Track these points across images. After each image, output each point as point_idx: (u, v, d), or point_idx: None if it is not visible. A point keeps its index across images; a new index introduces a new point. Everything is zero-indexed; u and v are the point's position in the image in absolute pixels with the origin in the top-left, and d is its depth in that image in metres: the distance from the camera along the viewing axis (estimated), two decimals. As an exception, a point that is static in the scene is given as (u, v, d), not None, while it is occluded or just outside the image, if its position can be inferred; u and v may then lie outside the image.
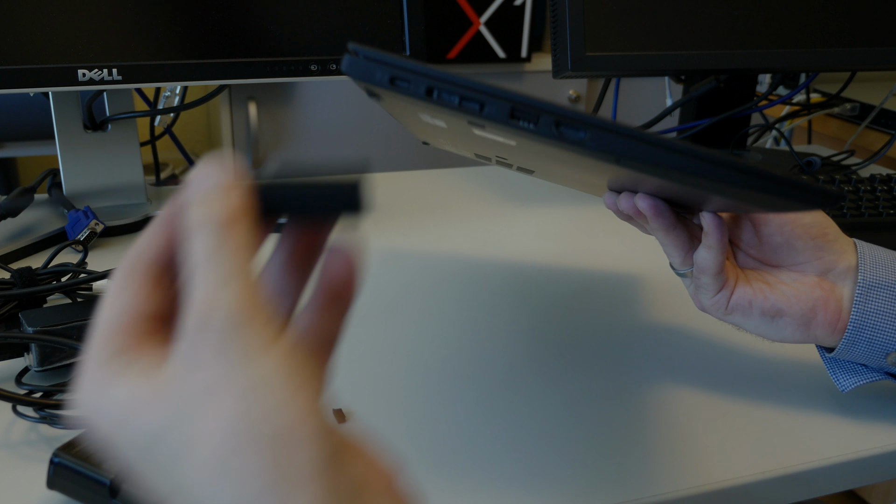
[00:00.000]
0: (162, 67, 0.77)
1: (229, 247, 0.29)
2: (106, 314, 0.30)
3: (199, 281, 0.29)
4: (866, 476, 0.53)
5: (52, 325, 0.55)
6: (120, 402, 0.28)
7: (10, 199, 0.78)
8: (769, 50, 0.88)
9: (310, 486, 0.27)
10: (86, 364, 0.30)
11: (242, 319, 0.28)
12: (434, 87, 0.36)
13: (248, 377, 0.27)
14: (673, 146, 0.37)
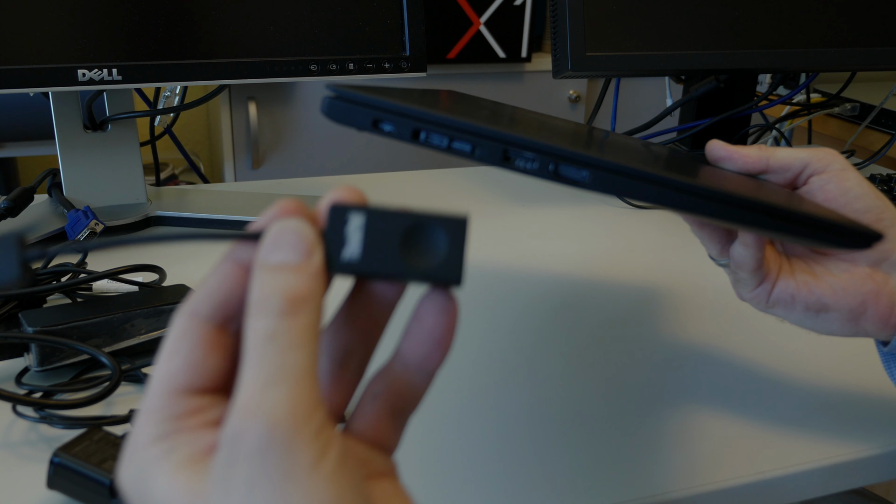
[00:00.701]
0: (162, 67, 0.77)
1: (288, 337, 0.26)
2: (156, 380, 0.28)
3: (247, 372, 0.25)
4: (866, 476, 0.53)
5: (52, 325, 0.55)
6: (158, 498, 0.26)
7: (10, 199, 0.78)
8: (769, 50, 0.88)
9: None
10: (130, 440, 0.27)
11: (285, 434, 0.24)
12: (420, 129, 0.34)
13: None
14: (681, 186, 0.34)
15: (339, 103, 0.34)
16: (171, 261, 0.75)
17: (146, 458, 0.26)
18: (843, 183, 0.47)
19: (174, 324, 0.28)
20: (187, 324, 0.28)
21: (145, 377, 0.55)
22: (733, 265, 0.49)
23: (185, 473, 0.26)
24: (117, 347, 0.57)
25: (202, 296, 0.28)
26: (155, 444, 0.26)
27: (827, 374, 0.60)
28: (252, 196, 0.92)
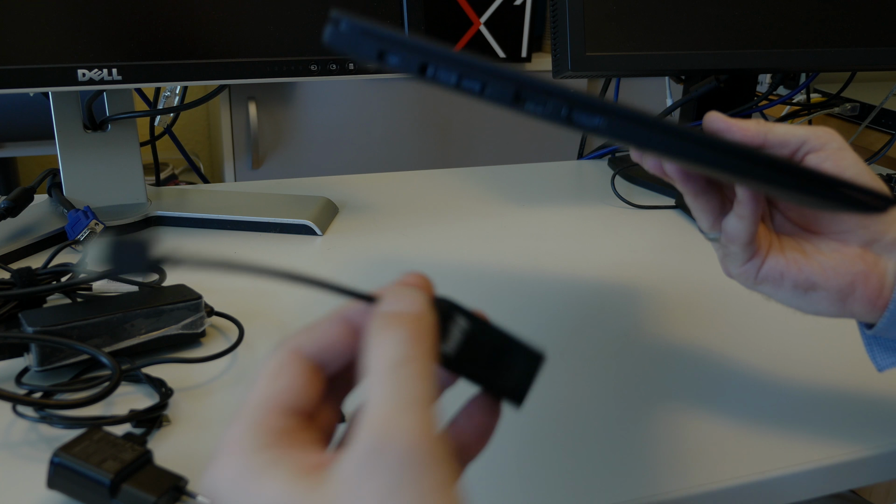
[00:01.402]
0: (162, 67, 0.77)
1: (418, 364, 0.28)
2: (259, 395, 0.29)
3: (378, 394, 0.27)
4: (866, 476, 0.53)
5: (52, 325, 0.55)
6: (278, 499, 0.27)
7: (10, 199, 0.78)
8: (769, 50, 0.88)
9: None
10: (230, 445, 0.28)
11: (422, 455, 0.26)
12: (429, 63, 0.32)
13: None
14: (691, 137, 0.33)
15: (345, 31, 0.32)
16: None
17: (253, 463, 0.28)
18: (840, 161, 0.46)
19: (277, 353, 0.30)
20: (291, 356, 0.30)
21: (145, 377, 0.55)
22: (725, 239, 0.48)
23: (304, 480, 0.27)
24: (117, 347, 0.57)
25: (307, 338, 0.31)
26: (261, 452, 0.28)
27: (824, 374, 0.60)
28: (252, 196, 0.92)
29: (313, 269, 0.77)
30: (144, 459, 0.44)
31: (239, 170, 1.89)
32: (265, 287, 0.72)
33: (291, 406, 0.30)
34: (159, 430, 0.51)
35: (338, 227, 0.87)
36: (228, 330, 0.63)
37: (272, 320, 0.66)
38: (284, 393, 0.30)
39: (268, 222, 0.84)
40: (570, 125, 0.33)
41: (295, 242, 0.82)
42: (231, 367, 0.59)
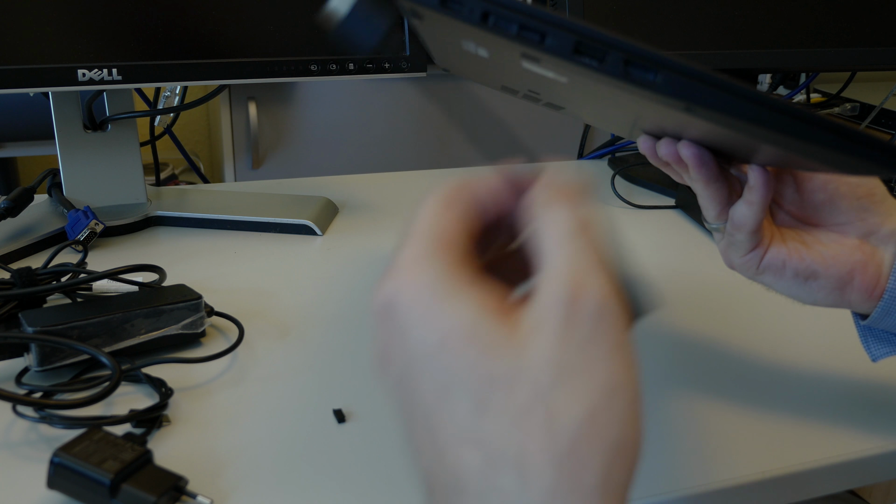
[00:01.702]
0: (162, 67, 0.77)
1: (591, 235, 0.30)
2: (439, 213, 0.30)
3: (564, 255, 0.29)
4: (866, 476, 0.53)
5: (52, 325, 0.55)
6: (460, 321, 0.28)
7: (10, 199, 0.78)
8: (769, 50, 0.88)
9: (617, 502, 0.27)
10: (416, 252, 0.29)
11: (613, 310, 0.28)
12: (491, 11, 0.32)
13: (613, 375, 0.27)
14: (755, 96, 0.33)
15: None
16: (171, 261, 0.75)
17: (442, 285, 0.28)
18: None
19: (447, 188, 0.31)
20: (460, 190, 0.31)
21: (145, 377, 0.55)
22: (732, 227, 0.49)
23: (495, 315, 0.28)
24: (117, 347, 0.57)
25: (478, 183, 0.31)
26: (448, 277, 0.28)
27: (823, 374, 0.60)
28: (252, 196, 0.92)
29: (313, 269, 0.77)
30: (144, 459, 0.44)
31: (239, 170, 1.88)
32: (265, 287, 0.72)
33: (463, 239, 0.30)
34: (159, 430, 0.51)
35: (338, 227, 0.87)
36: (228, 330, 0.63)
37: (272, 320, 0.66)
38: (463, 221, 0.30)
39: (268, 222, 0.84)
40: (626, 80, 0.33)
41: (295, 242, 0.82)
42: (231, 367, 0.59)
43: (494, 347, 0.27)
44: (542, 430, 0.27)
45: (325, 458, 0.50)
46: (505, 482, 0.27)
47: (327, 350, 0.62)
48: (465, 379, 0.27)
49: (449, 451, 0.28)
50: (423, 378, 0.28)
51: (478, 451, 0.27)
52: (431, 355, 0.28)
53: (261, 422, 0.53)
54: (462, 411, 0.27)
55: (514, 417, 0.27)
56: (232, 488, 0.46)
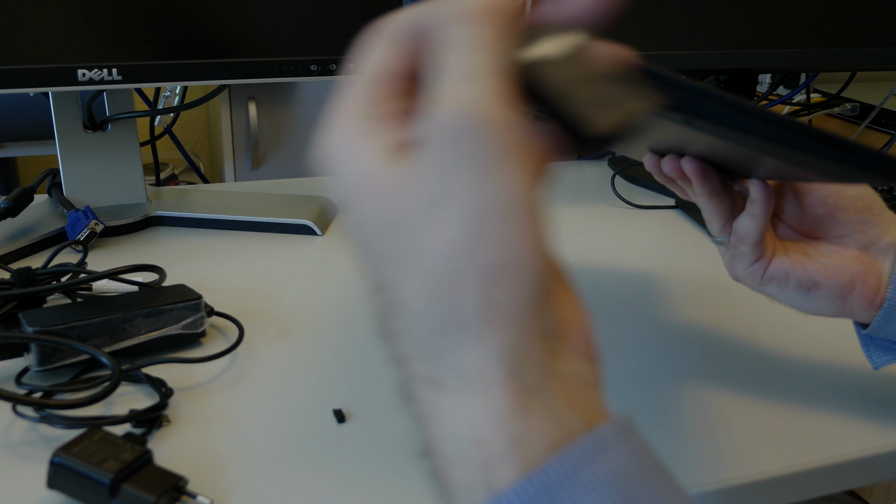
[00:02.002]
0: (162, 67, 0.77)
1: (487, 36, 0.27)
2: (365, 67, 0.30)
3: (446, 70, 0.27)
4: (866, 476, 0.53)
5: (52, 325, 0.55)
6: (357, 177, 0.28)
7: (10, 199, 0.78)
8: (769, 50, 0.88)
9: (509, 326, 0.27)
10: (339, 112, 0.29)
11: (484, 122, 0.26)
12: None
13: (478, 198, 0.26)
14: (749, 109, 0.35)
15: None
16: (171, 261, 0.75)
17: (350, 134, 0.29)
18: None
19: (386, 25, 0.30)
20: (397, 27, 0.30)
21: (145, 377, 0.55)
22: (736, 239, 0.51)
23: (386, 158, 0.28)
24: (117, 347, 0.57)
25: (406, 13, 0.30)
26: (360, 123, 0.29)
27: (823, 374, 0.60)
28: (252, 196, 0.92)
29: (313, 269, 0.77)
30: (144, 459, 0.44)
31: (239, 170, 1.88)
32: (265, 287, 0.72)
33: (390, 74, 0.30)
34: (159, 430, 0.51)
35: (338, 227, 0.87)
36: (228, 330, 0.63)
37: (272, 320, 0.66)
38: (382, 63, 0.30)
39: (268, 222, 0.84)
40: None
41: (295, 242, 0.82)
42: (231, 367, 0.59)
43: (380, 199, 0.28)
44: (418, 269, 0.27)
45: (325, 458, 0.50)
46: (401, 324, 0.28)
47: (327, 350, 0.62)
48: (364, 232, 0.29)
49: (373, 293, 0.30)
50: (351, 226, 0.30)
51: (382, 294, 0.29)
52: (347, 209, 0.29)
53: (261, 422, 0.53)
54: (368, 261, 0.29)
55: (396, 261, 0.28)
56: (232, 488, 0.46)
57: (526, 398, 0.27)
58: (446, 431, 0.28)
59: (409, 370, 0.29)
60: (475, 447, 0.27)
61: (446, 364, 0.28)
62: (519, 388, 0.27)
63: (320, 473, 0.48)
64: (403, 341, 0.29)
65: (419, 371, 0.28)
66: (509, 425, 0.27)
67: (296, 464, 0.49)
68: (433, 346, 0.28)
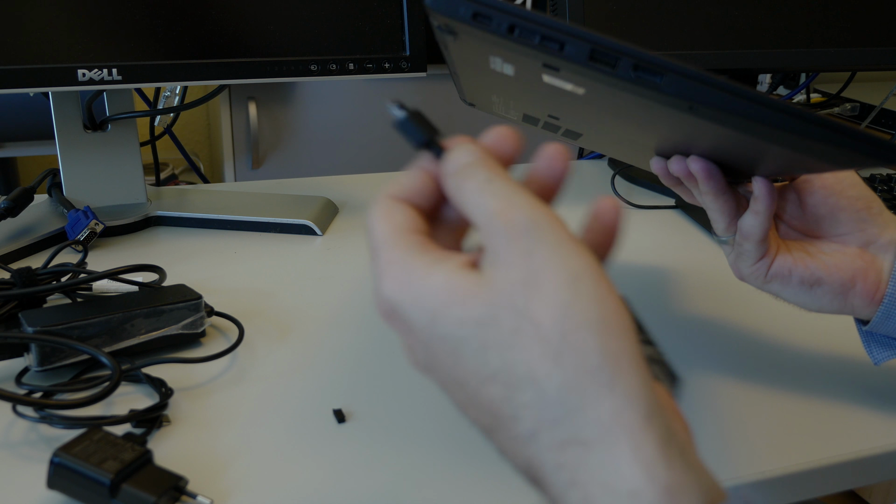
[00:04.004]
0: (162, 67, 0.77)
1: (502, 176, 0.32)
2: (386, 225, 0.33)
3: (486, 201, 0.32)
4: (866, 476, 0.53)
5: (52, 325, 0.55)
6: (440, 290, 0.31)
7: (10, 199, 0.78)
8: (769, 50, 0.88)
9: (633, 371, 0.29)
10: (389, 257, 0.32)
11: (545, 217, 0.31)
12: (516, 24, 0.36)
13: (567, 268, 0.30)
14: (749, 94, 0.37)
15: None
16: (171, 261, 0.75)
17: (418, 265, 0.32)
18: (839, 172, 0.51)
19: (376, 204, 0.34)
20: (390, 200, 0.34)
21: (145, 377, 0.55)
22: (740, 237, 0.52)
23: (464, 271, 0.31)
24: (117, 347, 0.57)
25: (398, 187, 0.35)
26: (420, 255, 0.32)
27: (824, 374, 0.60)
28: (252, 196, 0.92)
29: (313, 269, 0.77)
30: (144, 459, 0.44)
31: (239, 170, 1.88)
32: (265, 287, 0.72)
33: (417, 229, 0.33)
34: (159, 430, 0.51)
35: (338, 227, 0.87)
36: (228, 330, 0.63)
37: (272, 320, 0.66)
38: (407, 221, 0.33)
39: (268, 222, 0.85)
40: (635, 83, 0.37)
41: (295, 242, 0.82)
42: (231, 367, 0.59)
43: (472, 297, 0.31)
44: (534, 340, 0.29)
45: (325, 458, 0.50)
46: (526, 397, 0.30)
47: (327, 350, 0.62)
48: (463, 333, 0.31)
49: (478, 395, 0.31)
50: (437, 352, 0.32)
51: (495, 384, 0.30)
52: (431, 330, 0.31)
53: (261, 422, 0.53)
54: (472, 360, 0.31)
55: (509, 342, 0.30)
56: (232, 488, 0.46)
57: (665, 446, 0.29)
58: (600, 489, 0.29)
59: (541, 442, 0.30)
60: (631, 499, 0.28)
61: (586, 418, 0.29)
62: (657, 436, 0.29)
63: (320, 473, 0.48)
64: (533, 413, 0.30)
65: (557, 436, 0.29)
66: (660, 474, 0.28)
67: (296, 464, 0.49)
68: (570, 405, 0.29)
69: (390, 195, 0.35)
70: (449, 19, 0.37)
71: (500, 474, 0.49)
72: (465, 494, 0.47)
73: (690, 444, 0.31)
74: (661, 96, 0.37)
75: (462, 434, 0.52)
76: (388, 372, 0.59)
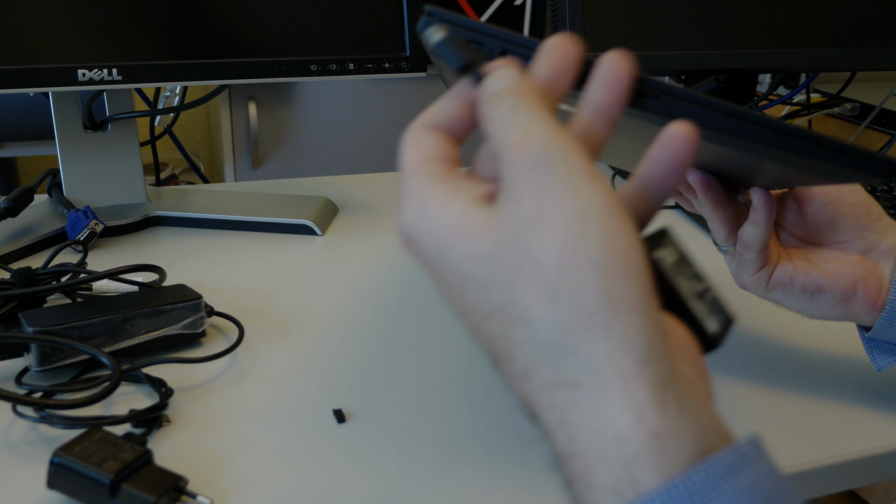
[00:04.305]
0: (162, 67, 0.77)
1: (529, 104, 0.31)
2: (414, 151, 0.33)
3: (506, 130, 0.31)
4: (866, 476, 0.53)
5: (52, 325, 0.55)
6: (451, 224, 0.31)
7: (10, 199, 0.78)
8: (769, 50, 0.88)
9: (634, 314, 0.28)
10: (410, 185, 0.32)
11: (561, 149, 0.30)
12: (509, 49, 0.36)
13: (575, 204, 0.29)
14: (741, 114, 0.37)
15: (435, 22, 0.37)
16: (171, 261, 0.75)
17: (436, 195, 0.32)
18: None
19: (408, 131, 0.34)
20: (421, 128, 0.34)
21: (145, 377, 0.55)
22: (741, 247, 0.52)
23: (477, 205, 0.31)
24: (117, 347, 0.57)
25: (431, 113, 0.35)
26: (439, 183, 0.32)
27: (824, 374, 0.60)
28: (252, 196, 0.92)
29: (313, 269, 0.77)
30: (144, 459, 0.44)
31: (239, 170, 1.89)
32: (265, 287, 0.72)
33: (447, 153, 0.33)
34: (159, 430, 0.51)
35: (338, 227, 0.87)
36: (228, 330, 0.63)
37: (272, 320, 0.66)
38: (433, 150, 0.33)
39: (268, 222, 0.85)
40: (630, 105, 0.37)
41: (295, 242, 0.82)
42: (231, 367, 0.59)
43: (479, 233, 0.30)
44: (533, 278, 0.29)
45: (325, 458, 0.50)
46: (520, 336, 0.30)
47: (327, 350, 0.62)
48: (468, 269, 0.31)
49: (481, 330, 0.32)
50: (447, 284, 0.32)
51: (494, 321, 0.31)
52: (442, 261, 0.32)
53: (261, 422, 0.53)
54: (475, 296, 0.31)
55: (509, 280, 0.30)
56: (232, 488, 0.46)
57: (660, 391, 0.28)
58: (586, 431, 0.28)
59: (534, 381, 0.30)
60: (617, 444, 0.28)
61: (578, 361, 0.28)
62: (652, 381, 0.28)
63: (320, 473, 0.48)
64: (527, 352, 0.30)
65: (548, 377, 0.29)
66: (649, 419, 0.28)
67: (296, 464, 0.49)
68: (562, 346, 0.29)
69: (422, 122, 0.34)
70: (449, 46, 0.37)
71: (499, 474, 0.49)
72: (464, 494, 0.47)
73: (701, 390, 0.30)
74: (653, 116, 0.37)
75: (462, 434, 0.52)
76: (388, 372, 0.59)
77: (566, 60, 0.34)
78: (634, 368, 0.28)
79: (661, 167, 0.33)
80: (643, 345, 0.28)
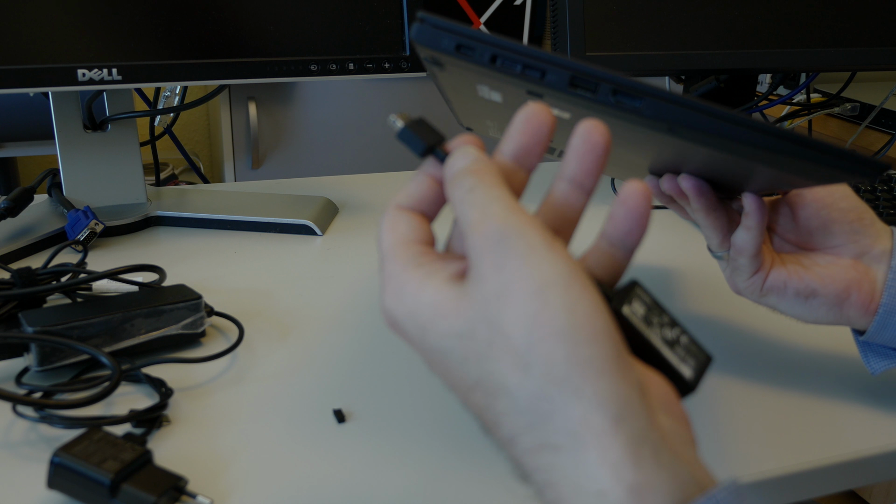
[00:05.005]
0: (162, 67, 0.77)
1: (485, 183, 0.33)
2: (391, 236, 0.35)
3: (466, 212, 0.33)
4: (866, 476, 0.53)
5: (52, 325, 0.55)
6: (427, 305, 0.33)
7: (10, 199, 0.78)
8: (769, 50, 0.88)
9: (603, 376, 0.30)
10: (389, 269, 0.34)
11: (517, 226, 0.32)
12: (498, 54, 0.37)
13: (535, 279, 0.31)
14: (724, 115, 0.38)
15: (428, 28, 0.38)
16: (171, 261, 0.75)
17: (410, 280, 0.34)
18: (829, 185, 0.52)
19: (384, 215, 0.36)
20: (395, 210, 0.36)
21: (145, 377, 0.55)
22: (734, 252, 0.53)
23: (449, 285, 0.33)
24: (117, 347, 0.57)
25: (402, 195, 0.37)
26: (414, 270, 0.34)
27: (824, 374, 0.60)
28: (252, 196, 0.92)
29: (313, 269, 0.77)
30: (144, 459, 0.44)
31: (239, 170, 1.88)
32: (265, 287, 0.72)
33: (420, 236, 0.35)
34: (159, 430, 0.51)
35: (338, 227, 0.87)
36: (228, 330, 0.63)
37: (272, 320, 0.66)
38: (408, 232, 0.35)
39: (268, 222, 0.85)
40: (616, 107, 0.38)
41: (295, 242, 0.82)
42: (231, 367, 0.59)
43: (454, 311, 0.32)
44: (505, 351, 0.31)
45: (325, 458, 0.50)
46: (502, 405, 0.32)
47: (327, 350, 0.62)
48: (447, 345, 0.33)
49: (468, 400, 0.34)
50: (431, 357, 0.34)
51: (477, 392, 0.32)
52: (424, 340, 0.33)
53: (261, 422, 0.53)
54: (457, 370, 0.33)
55: (485, 354, 0.31)
56: (232, 488, 0.46)
57: (635, 446, 0.29)
58: (571, 489, 0.30)
59: (520, 446, 0.32)
60: (599, 499, 0.29)
61: (556, 425, 0.30)
62: (628, 437, 0.29)
63: (320, 473, 0.48)
64: (509, 420, 0.31)
65: (531, 441, 0.31)
66: (626, 475, 0.29)
67: (296, 464, 0.49)
68: (540, 412, 0.30)
69: (397, 204, 0.36)
70: (434, 52, 0.38)
71: (499, 474, 0.49)
72: (464, 494, 0.47)
73: (679, 438, 0.32)
74: (642, 119, 0.38)
75: (462, 434, 0.52)
76: (388, 372, 0.59)
77: (540, 132, 0.35)
78: (609, 427, 0.30)
79: (624, 223, 0.35)
80: (615, 404, 0.30)
